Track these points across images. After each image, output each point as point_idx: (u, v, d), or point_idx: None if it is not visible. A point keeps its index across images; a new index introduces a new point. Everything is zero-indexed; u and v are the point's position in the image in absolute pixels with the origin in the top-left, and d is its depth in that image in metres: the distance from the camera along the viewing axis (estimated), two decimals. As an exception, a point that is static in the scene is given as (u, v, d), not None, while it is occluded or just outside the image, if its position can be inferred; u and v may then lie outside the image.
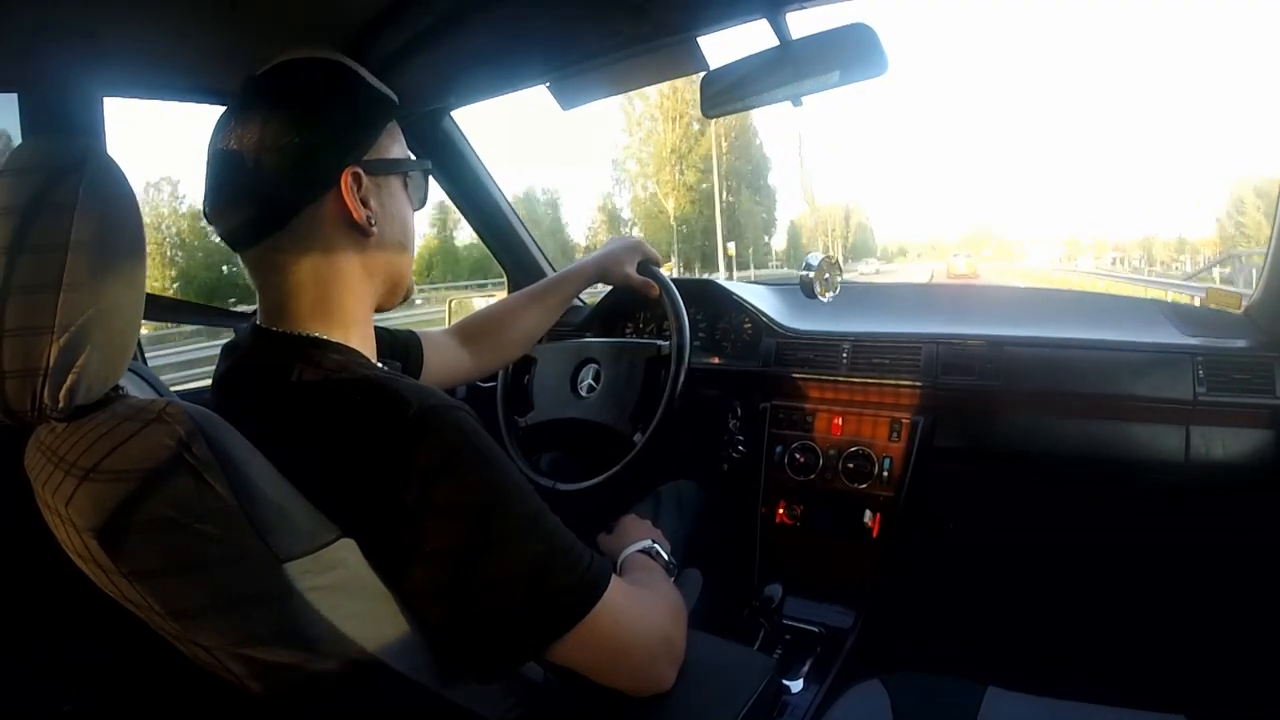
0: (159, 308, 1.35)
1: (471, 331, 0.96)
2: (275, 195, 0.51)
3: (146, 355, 1.05)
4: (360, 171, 0.53)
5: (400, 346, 0.84)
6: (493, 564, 0.45)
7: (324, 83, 0.53)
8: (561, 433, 1.20)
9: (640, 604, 0.55)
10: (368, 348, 0.57)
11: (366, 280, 0.56)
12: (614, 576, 0.52)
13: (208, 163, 0.53)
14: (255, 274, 0.54)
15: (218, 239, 0.55)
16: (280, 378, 0.50)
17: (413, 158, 0.60)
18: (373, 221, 0.54)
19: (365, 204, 0.53)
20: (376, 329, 0.64)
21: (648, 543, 0.76)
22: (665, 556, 0.76)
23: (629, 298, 1.43)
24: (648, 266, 1.07)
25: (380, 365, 0.57)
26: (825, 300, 1.28)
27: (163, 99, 1.00)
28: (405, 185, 0.59)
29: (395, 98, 0.58)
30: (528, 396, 1.23)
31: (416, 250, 0.62)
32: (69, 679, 0.65)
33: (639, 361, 1.14)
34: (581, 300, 1.61)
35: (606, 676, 0.52)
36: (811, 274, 1.27)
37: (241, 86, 0.53)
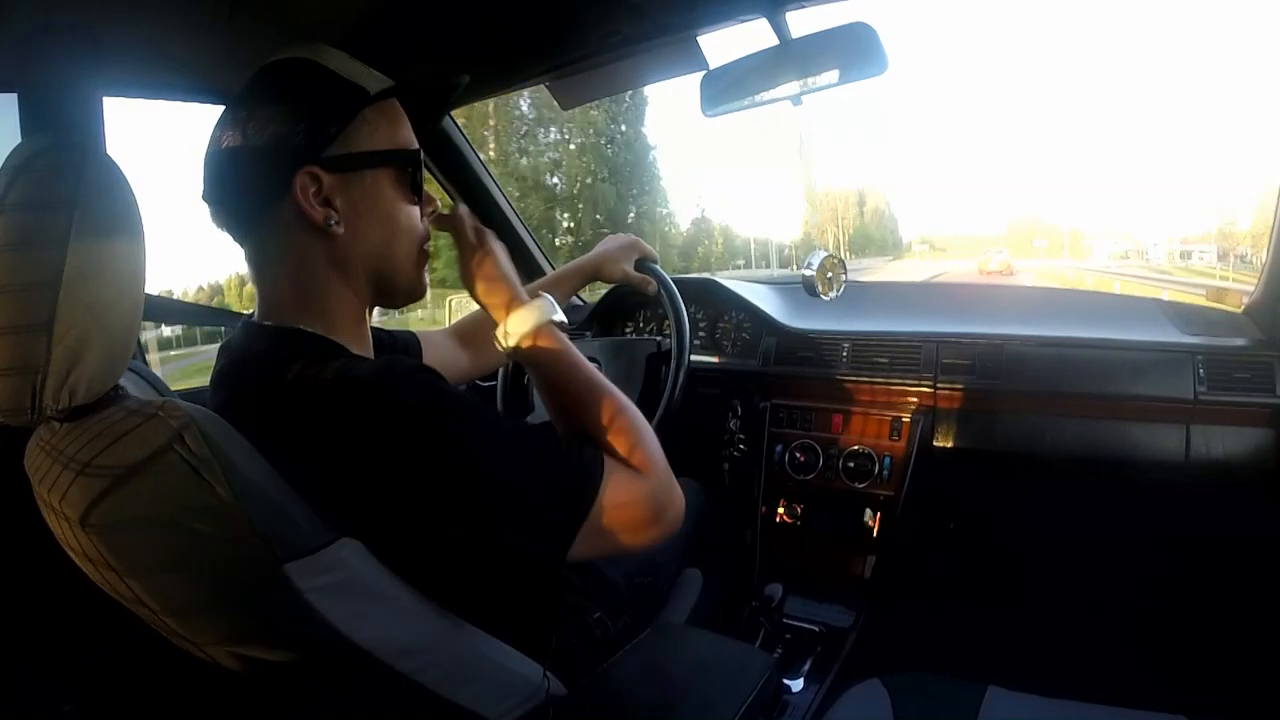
0: (159, 308, 1.35)
1: (468, 331, 0.96)
2: (242, 198, 0.52)
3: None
4: (318, 171, 0.51)
5: (399, 346, 0.84)
6: (495, 494, 0.47)
7: (280, 86, 0.53)
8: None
9: (622, 470, 0.54)
10: (359, 345, 0.57)
11: (345, 280, 0.55)
12: (604, 458, 0.53)
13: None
14: (249, 269, 0.55)
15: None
16: (269, 373, 0.50)
17: (402, 148, 0.57)
18: (334, 221, 0.52)
19: (329, 203, 0.52)
20: (375, 329, 0.63)
21: (541, 308, 0.59)
22: (565, 321, 0.62)
23: (628, 297, 1.43)
24: (645, 264, 1.07)
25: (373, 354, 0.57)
26: (828, 299, 1.27)
27: (162, 99, 1.00)
28: (394, 178, 0.56)
29: (368, 88, 0.54)
30: (528, 398, 1.23)
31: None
32: (69, 679, 0.65)
33: (639, 358, 1.13)
34: (581, 299, 1.61)
35: (624, 547, 0.53)
36: (813, 272, 1.27)
37: (234, 88, 0.54)
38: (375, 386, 0.46)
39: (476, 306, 0.63)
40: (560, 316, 0.60)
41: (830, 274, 1.28)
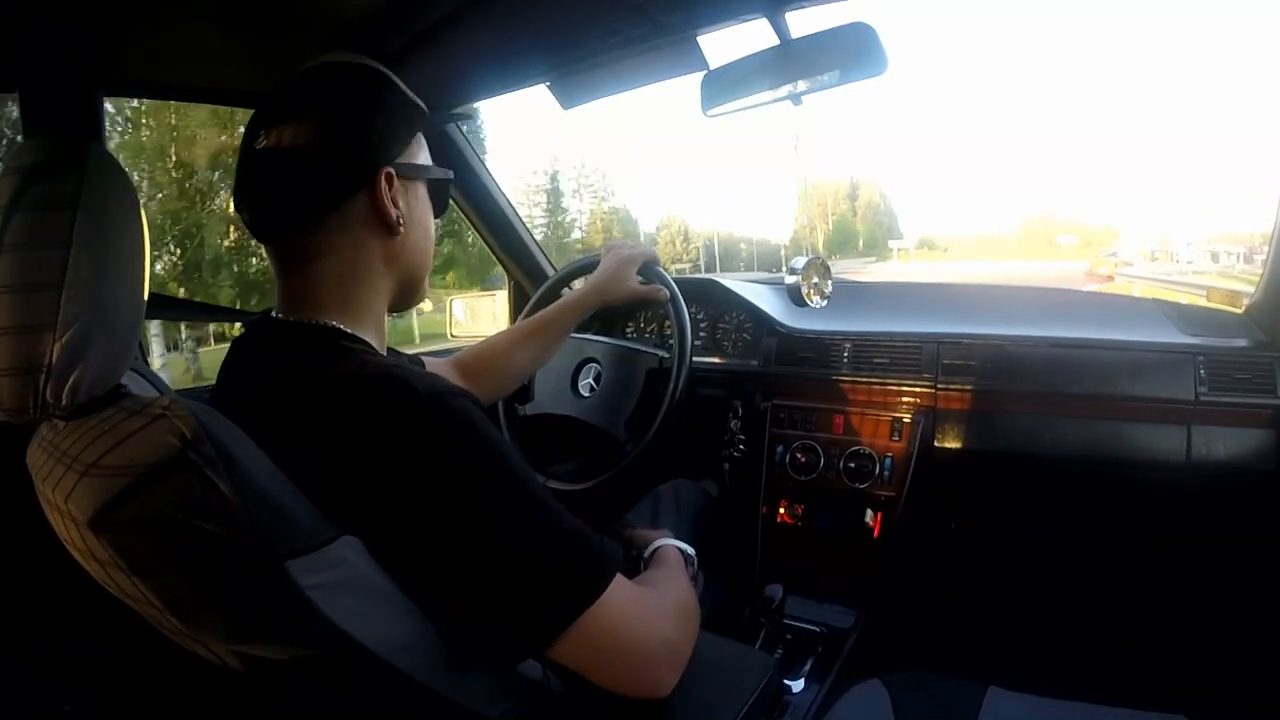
0: (162, 306, 1.35)
1: (470, 366, 0.96)
2: (313, 191, 0.53)
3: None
4: (393, 173, 0.55)
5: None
6: (497, 552, 0.46)
7: (364, 88, 0.56)
8: (559, 428, 1.21)
9: (646, 602, 0.54)
10: (380, 341, 0.59)
11: (387, 278, 0.59)
12: (619, 573, 0.51)
13: (243, 157, 0.55)
14: (282, 264, 0.56)
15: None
16: (292, 365, 0.50)
17: (433, 165, 0.62)
18: (401, 222, 0.56)
19: (394, 204, 0.56)
20: (389, 349, 0.65)
21: (685, 545, 0.75)
22: (695, 563, 0.74)
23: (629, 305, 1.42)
24: (651, 269, 1.04)
25: (388, 357, 0.58)
26: (815, 306, 1.27)
27: (162, 98, 1.01)
28: (429, 192, 0.61)
29: (425, 108, 0.60)
30: (529, 386, 1.25)
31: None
32: (70, 679, 0.65)
33: (639, 370, 1.15)
34: None
35: (604, 677, 0.51)
36: (798, 278, 1.27)
37: (279, 86, 0.55)
38: (420, 408, 0.46)
39: (473, 309, 0.66)
40: (686, 548, 0.73)
41: (816, 279, 1.27)
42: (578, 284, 1.33)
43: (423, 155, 0.60)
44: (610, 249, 1.07)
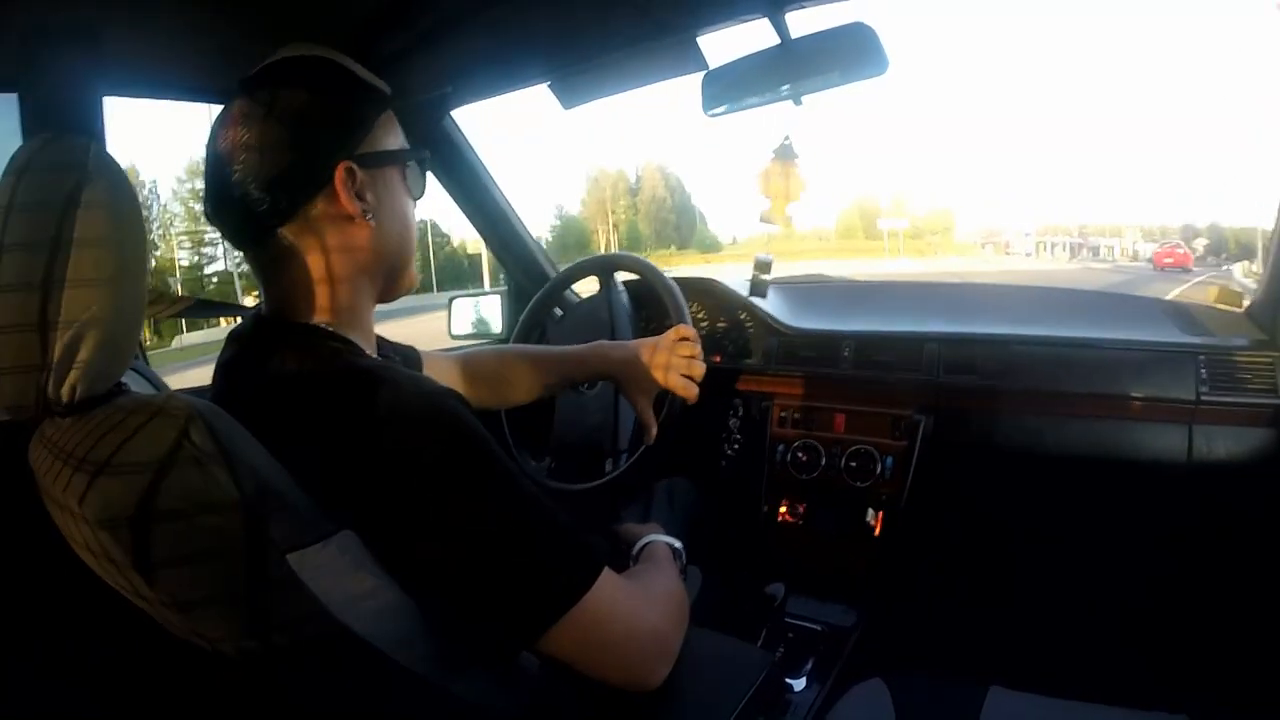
0: (163, 303, 1.34)
1: (473, 370, 0.93)
2: (272, 195, 0.51)
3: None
4: (354, 166, 0.52)
5: (399, 356, 0.83)
6: (487, 550, 0.46)
7: (311, 81, 0.53)
8: (554, 425, 1.21)
9: (634, 595, 0.54)
10: (367, 339, 0.58)
11: (366, 273, 0.56)
12: (607, 567, 0.51)
13: (205, 164, 0.53)
14: (258, 270, 0.55)
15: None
16: (280, 367, 0.50)
17: (408, 148, 0.59)
18: (369, 215, 0.54)
19: (361, 197, 0.53)
20: (378, 339, 0.64)
21: (673, 539, 0.75)
22: (683, 558, 0.75)
23: (632, 306, 1.41)
24: (671, 405, 0.96)
25: (378, 357, 0.57)
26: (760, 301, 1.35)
27: (163, 99, 1.00)
28: (403, 176, 0.58)
29: (387, 89, 0.57)
30: None
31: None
32: (70, 679, 0.65)
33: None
34: (577, 296, 1.60)
35: (595, 668, 0.51)
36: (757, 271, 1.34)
37: (237, 87, 0.54)
38: (407, 409, 0.46)
39: (474, 308, 0.65)
40: (674, 542, 0.73)
41: (765, 277, 1.37)
42: (592, 283, 1.33)
43: (390, 138, 0.57)
44: (675, 336, 0.91)
